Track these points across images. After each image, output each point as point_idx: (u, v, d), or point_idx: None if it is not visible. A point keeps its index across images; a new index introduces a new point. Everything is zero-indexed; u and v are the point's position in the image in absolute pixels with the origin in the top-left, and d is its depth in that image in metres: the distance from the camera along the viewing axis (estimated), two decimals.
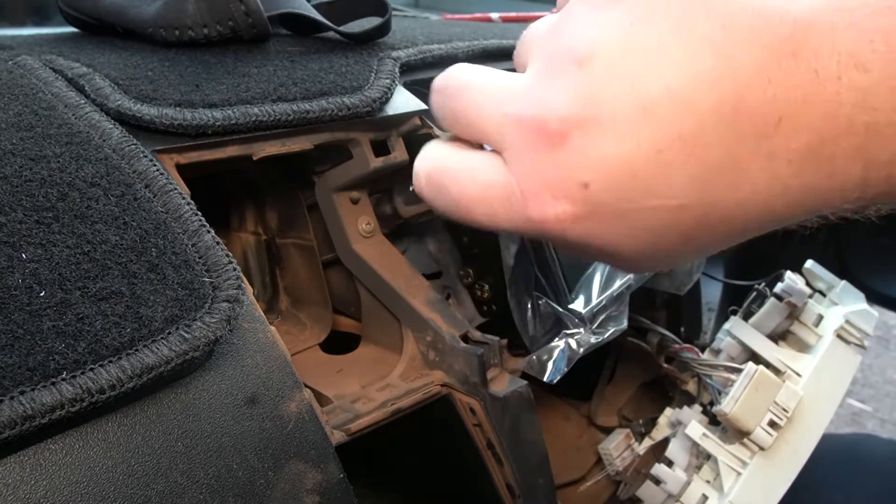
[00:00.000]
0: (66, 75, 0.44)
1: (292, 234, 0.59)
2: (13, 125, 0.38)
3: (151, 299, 0.33)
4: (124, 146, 0.39)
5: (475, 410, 0.50)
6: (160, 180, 0.38)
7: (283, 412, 0.36)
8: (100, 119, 0.41)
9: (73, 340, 0.31)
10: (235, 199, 0.61)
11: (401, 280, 0.53)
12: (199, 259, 0.36)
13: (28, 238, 0.33)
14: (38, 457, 0.29)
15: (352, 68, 0.52)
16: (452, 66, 0.32)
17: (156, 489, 0.31)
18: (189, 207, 0.38)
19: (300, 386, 0.38)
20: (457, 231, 0.59)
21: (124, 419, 0.32)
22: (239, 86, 0.46)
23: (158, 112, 0.42)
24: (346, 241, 0.54)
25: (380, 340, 0.56)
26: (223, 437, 0.34)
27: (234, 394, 0.35)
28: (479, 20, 0.90)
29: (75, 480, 0.30)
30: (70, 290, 0.32)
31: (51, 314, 0.31)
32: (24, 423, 0.28)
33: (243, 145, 0.46)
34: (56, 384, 0.29)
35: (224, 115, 0.43)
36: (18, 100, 0.41)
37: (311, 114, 0.47)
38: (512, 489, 0.52)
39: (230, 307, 0.35)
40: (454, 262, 0.57)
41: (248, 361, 0.36)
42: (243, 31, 0.52)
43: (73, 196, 0.36)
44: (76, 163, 0.37)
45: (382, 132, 0.53)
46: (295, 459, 0.36)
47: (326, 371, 0.54)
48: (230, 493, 0.34)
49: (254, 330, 0.37)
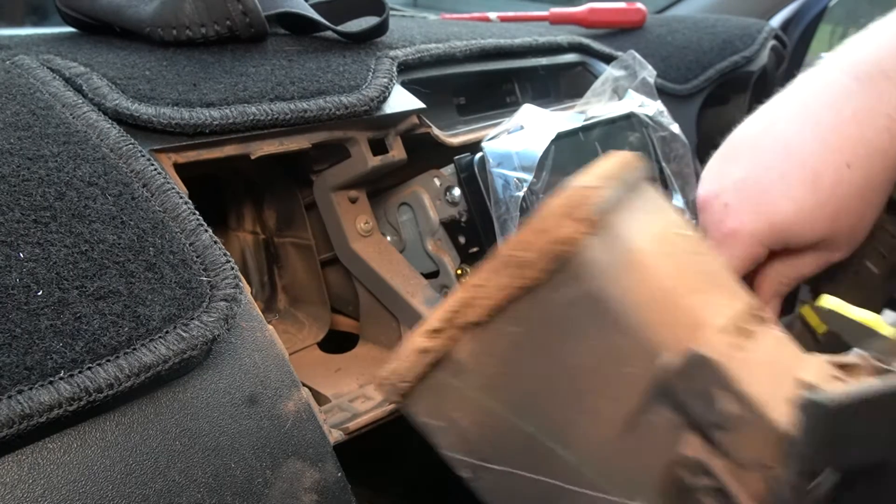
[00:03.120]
0: (64, 75, 0.44)
1: (290, 233, 0.59)
2: (11, 125, 0.38)
3: (149, 298, 0.33)
4: (122, 145, 0.39)
5: None
6: (158, 179, 0.38)
7: (282, 411, 0.36)
8: (97, 118, 0.41)
9: (70, 339, 0.31)
10: (233, 198, 0.61)
11: (399, 279, 0.53)
12: (197, 258, 0.36)
13: (26, 237, 0.33)
14: (35, 456, 0.29)
15: (349, 67, 0.52)
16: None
17: (154, 488, 0.31)
18: (187, 206, 0.38)
19: (298, 385, 0.38)
20: (454, 230, 0.59)
21: (122, 418, 0.32)
22: (237, 85, 0.46)
23: (156, 111, 0.42)
24: (344, 240, 0.54)
25: (378, 339, 0.56)
26: (221, 436, 0.34)
27: (232, 393, 0.35)
28: (476, 20, 0.90)
29: (73, 479, 0.30)
30: (68, 289, 0.32)
31: (48, 313, 0.31)
32: (22, 422, 0.28)
33: (241, 144, 0.46)
34: (54, 383, 0.29)
35: (222, 114, 0.43)
36: (16, 99, 0.41)
37: (308, 113, 0.47)
38: None
39: (228, 306, 0.35)
40: (452, 261, 0.57)
41: (247, 360, 0.36)
42: (241, 30, 0.52)
43: (71, 195, 0.36)
44: (74, 162, 0.37)
45: (380, 131, 0.53)
46: (293, 458, 0.36)
47: (325, 370, 0.54)
48: (228, 492, 0.34)
49: (252, 329, 0.37)
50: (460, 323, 0.31)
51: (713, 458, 0.28)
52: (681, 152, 0.67)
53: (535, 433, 0.32)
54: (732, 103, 0.90)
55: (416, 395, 0.34)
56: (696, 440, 0.28)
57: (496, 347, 0.31)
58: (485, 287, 0.30)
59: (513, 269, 0.30)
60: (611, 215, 0.30)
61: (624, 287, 0.29)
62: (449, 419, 0.33)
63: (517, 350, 0.31)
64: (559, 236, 0.29)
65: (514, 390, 0.32)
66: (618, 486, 0.30)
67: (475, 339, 0.31)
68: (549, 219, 0.29)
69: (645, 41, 0.85)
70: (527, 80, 0.75)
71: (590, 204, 0.29)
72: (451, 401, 0.33)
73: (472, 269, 0.57)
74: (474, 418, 0.33)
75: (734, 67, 0.83)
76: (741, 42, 0.86)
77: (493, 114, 0.68)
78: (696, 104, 0.81)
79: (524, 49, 0.71)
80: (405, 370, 0.33)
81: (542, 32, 0.78)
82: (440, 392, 0.33)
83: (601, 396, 0.30)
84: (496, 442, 0.33)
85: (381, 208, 0.59)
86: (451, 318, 0.31)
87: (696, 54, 0.84)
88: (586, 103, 0.66)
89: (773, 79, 0.85)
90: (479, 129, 0.60)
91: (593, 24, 0.86)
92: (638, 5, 0.88)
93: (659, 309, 0.29)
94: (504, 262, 0.30)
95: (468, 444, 0.34)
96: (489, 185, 0.52)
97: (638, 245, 0.30)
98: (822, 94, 0.45)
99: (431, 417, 0.34)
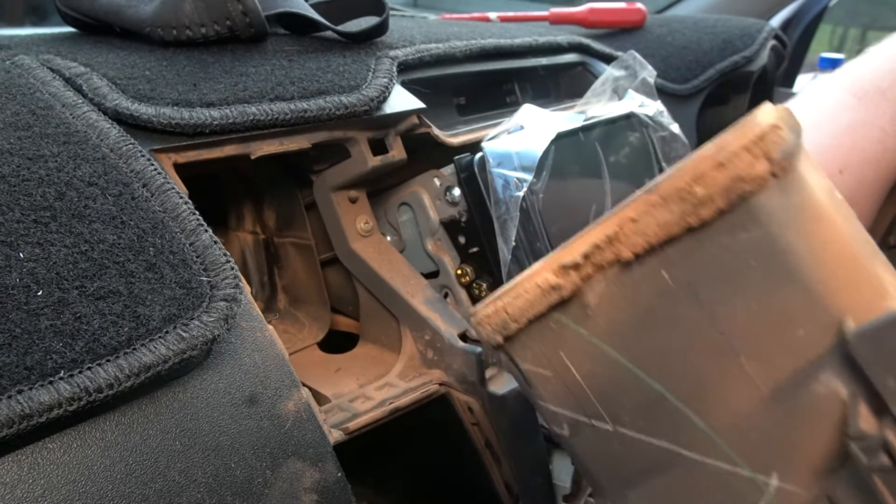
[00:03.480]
0: (64, 75, 0.44)
1: (290, 233, 0.59)
2: (11, 125, 0.38)
3: (149, 298, 0.33)
4: (122, 145, 0.39)
5: (473, 409, 0.50)
6: (158, 179, 0.38)
7: (282, 411, 0.36)
8: (97, 118, 0.41)
9: (70, 339, 0.31)
10: (233, 198, 0.61)
11: (399, 279, 0.53)
12: (197, 258, 0.36)
13: (26, 237, 0.33)
14: (35, 456, 0.29)
15: (349, 67, 0.52)
16: None
17: (154, 488, 0.31)
18: (187, 206, 0.38)
19: (298, 385, 0.38)
20: (454, 230, 0.59)
21: (122, 418, 0.32)
22: (237, 85, 0.46)
23: (156, 111, 0.42)
24: (344, 240, 0.54)
25: (378, 339, 0.56)
26: (221, 435, 0.34)
27: (232, 393, 0.35)
28: (476, 20, 0.90)
29: (73, 479, 0.30)
30: (68, 289, 0.32)
31: (48, 313, 0.31)
32: (22, 422, 0.28)
33: (241, 144, 0.46)
34: (54, 383, 0.29)
35: (222, 114, 0.43)
36: (16, 99, 0.41)
37: (308, 113, 0.47)
38: (510, 488, 0.52)
39: (228, 306, 0.35)
40: (452, 261, 0.57)
41: (247, 360, 0.36)
42: (241, 30, 0.52)
43: (71, 195, 0.36)
44: (74, 162, 0.37)
45: (380, 131, 0.53)
46: (293, 458, 0.36)
47: (325, 370, 0.54)
48: (228, 492, 0.34)
49: (252, 329, 0.37)
50: (603, 260, 0.28)
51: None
52: (681, 152, 0.67)
53: (665, 393, 0.28)
54: (732, 103, 0.90)
55: (525, 338, 0.30)
56: (872, 415, 0.25)
57: (639, 293, 0.28)
58: (641, 222, 0.27)
59: (684, 204, 0.26)
60: (796, 161, 0.27)
61: (810, 239, 0.26)
62: (560, 368, 0.30)
63: (664, 298, 0.27)
64: (746, 173, 0.26)
65: (649, 344, 0.28)
66: (755, 459, 0.27)
67: (615, 281, 0.28)
68: (733, 153, 0.26)
69: (645, 41, 0.85)
70: (527, 80, 0.75)
71: (781, 142, 0.26)
72: (569, 348, 0.29)
73: (472, 270, 0.57)
74: (592, 370, 0.29)
75: (734, 67, 0.83)
76: (741, 42, 0.86)
77: (493, 114, 0.68)
78: (696, 104, 0.81)
79: (524, 49, 0.71)
80: (521, 308, 0.29)
81: (542, 32, 0.78)
82: (557, 337, 0.29)
83: (756, 360, 0.27)
84: (613, 398, 0.29)
85: (381, 208, 0.59)
86: (592, 253, 0.28)
87: (696, 54, 0.84)
88: (586, 103, 0.66)
89: (773, 79, 0.86)
90: (479, 129, 0.60)
91: (593, 24, 0.87)
92: (638, 5, 0.88)
93: (845, 269, 0.27)
94: (672, 196, 0.26)
95: (575, 398, 0.30)
96: (489, 185, 0.52)
97: (822, 198, 0.27)
98: (821, 106, 0.48)
99: (539, 365, 0.30)
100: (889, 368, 0.25)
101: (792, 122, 0.28)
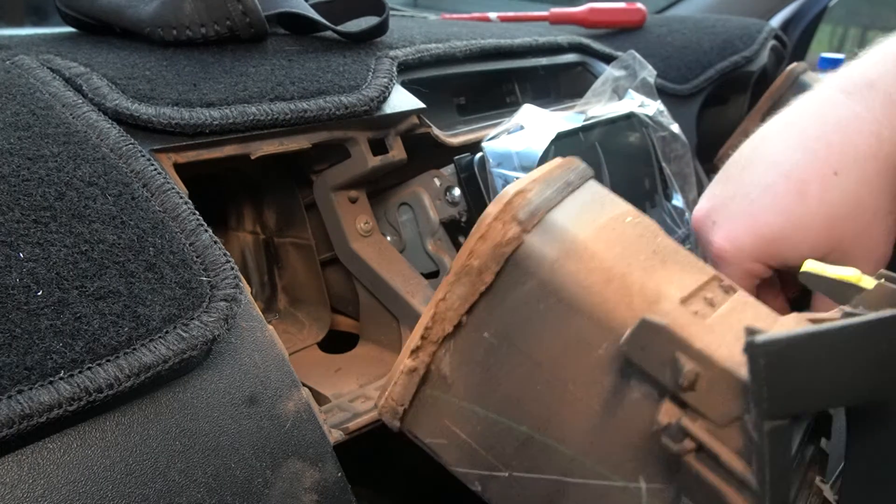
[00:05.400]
0: (64, 75, 0.44)
1: (290, 233, 0.59)
2: (11, 125, 0.38)
3: (149, 298, 0.33)
4: (122, 145, 0.39)
5: None
6: (158, 179, 0.38)
7: (282, 411, 0.36)
8: (97, 118, 0.41)
9: (70, 339, 0.31)
10: (233, 198, 0.61)
11: (399, 279, 0.53)
12: (197, 258, 0.36)
13: (26, 237, 0.33)
14: (35, 456, 0.29)
15: (349, 67, 0.52)
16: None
17: (154, 488, 0.31)
18: (187, 206, 0.38)
19: (298, 385, 0.38)
20: (454, 230, 0.59)
21: (122, 418, 0.32)
22: (237, 85, 0.46)
23: (156, 111, 0.42)
24: (344, 240, 0.54)
25: (378, 339, 0.56)
26: (221, 436, 0.34)
27: (232, 393, 0.35)
28: (477, 20, 0.90)
29: (73, 479, 0.30)
30: (68, 289, 0.32)
31: (48, 313, 0.31)
32: (22, 422, 0.28)
33: (241, 144, 0.46)
34: (54, 383, 0.29)
35: (222, 114, 0.43)
36: (16, 99, 0.41)
37: (308, 113, 0.47)
38: None
39: (228, 306, 0.35)
40: (452, 261, 0.57)
41: (247, 360, 0.36)
42: (241, 30, 0.52)
43: (71, 195, 0.36)
44: (74, 162, 0.37)
45: (380, 131, 0.53)
46: (293, 458, 0.36)
47: (325, 370, 0.54)
48: (228, 492, 0.34)
49: (252, 329, 0.37)
50: (435, 338, 0.33)
51: (689, 420, 0.28)
52: (681, 152, 0.67)
53: (530, 432, 0.32)
54: (732, 103, 0.90)
55: (414, 416, 0.35)
56: (671, 407, 0.29)
57: (473, 355, 0.33)
58: (448, 299, 0.32)
59: (470, 276, 0.32)
60: (547, 212, 0.32)
61: (572, 273, 0.31)
62: (449, 434, 0.34)
63: (492, 354, 0.32)
64: (502, 238, 0.31)
65: (499, 394, 0.33)
66: (617, 469, 0.31)
67: (455, 351, 0.33)
68: (489, 224, 0.31)
69: (645, 41, 0.85)
70: (527, 80, 0.75)
71: (521, 205, 0.31)
72: (447, 415, 0.34)
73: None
74: (471, 429, 0.34)
75: (734, 67, 0.83)
76: (741, 42, 0.86)
77: (493, 114, 0.68)
78: (696, 104, 0.81)
79: (524, 49, 0.71)
80: (400, 393, 0.34)
81: (542, 32, 0.78)
82: (435, 408, 0.34)
83: (576, 383, 0.31)
84: (497, 448, 0.33)
85: (381, 208, 0.59)
86: (426, 334, 0.33)
87: (696, 54, 0.84)
88: (586, 103, 0.66)
89: (773, 79, 0.85)
90: (479, 129, 0.60)
91: (593, 24, 0.87)
92: (638, 5, 0.88)
93: (612, 289, 0.31)
94: (459, 273, 0.32)
95: (471, 457, 0.34)
96: (489, 185, 0.52)
97: (580, 234, 0.32)
98: (809, 108, 0.46)
99: (433, 436, 0.35)
100: (660, 364, 0.28)
101: (547, 178, 0.33)
